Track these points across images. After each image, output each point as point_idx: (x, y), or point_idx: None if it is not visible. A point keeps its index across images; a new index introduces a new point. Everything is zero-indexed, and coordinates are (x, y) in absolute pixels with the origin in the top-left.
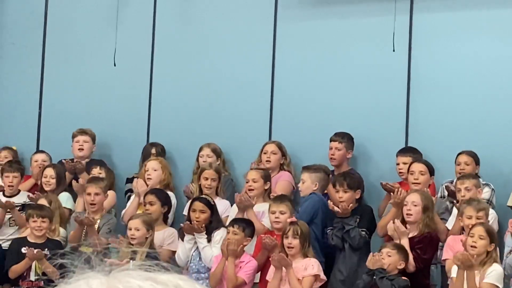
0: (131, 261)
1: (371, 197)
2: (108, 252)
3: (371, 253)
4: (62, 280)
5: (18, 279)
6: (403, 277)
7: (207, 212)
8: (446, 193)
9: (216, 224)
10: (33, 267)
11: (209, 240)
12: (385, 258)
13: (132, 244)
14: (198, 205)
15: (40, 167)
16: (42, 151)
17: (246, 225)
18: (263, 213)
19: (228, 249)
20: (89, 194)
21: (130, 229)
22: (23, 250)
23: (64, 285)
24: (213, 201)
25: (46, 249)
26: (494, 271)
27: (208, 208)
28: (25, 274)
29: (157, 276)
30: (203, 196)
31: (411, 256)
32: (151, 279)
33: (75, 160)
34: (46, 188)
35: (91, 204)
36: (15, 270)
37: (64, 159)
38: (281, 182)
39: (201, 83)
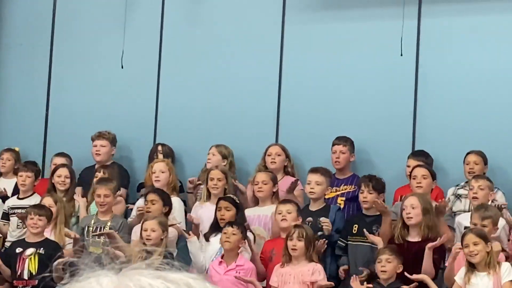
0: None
1: None
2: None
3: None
4: (72, 278)
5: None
6: (404, 286)
7: (232, 210)
8: (452, 196)
9: (241, 223)
10: (26, 265)
11: None
12: (386, 265)
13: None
14: (223, 203)
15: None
16: (63, 154)
17: (243, 227)
18: (270, 218)
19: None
20: (98, 195)
21: (146, 230)
22: (17, 250)
23: (75, 283)
24: (239, 200)
25: (42, 249)
26: (508, 269)
27: (233, 206)
28: (18, 273)
29: (167, 275)
30: (229, 195)
31: (430, 267)
32: (162, 278)
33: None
34: (61, 188)
35: (100, 205)
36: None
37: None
38: (297, 192)
39: (208, 85)
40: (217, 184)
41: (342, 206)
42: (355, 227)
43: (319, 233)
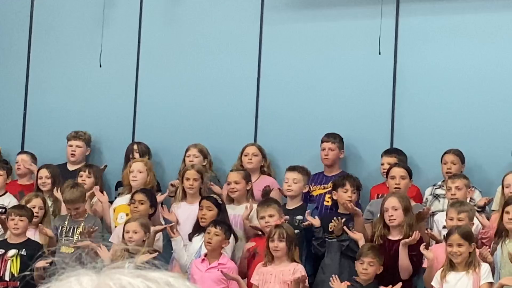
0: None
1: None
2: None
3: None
4: (53, 278)
5: None
6: (382, 287)
7: (214, 209)
8: (430, 196)
9: (225, 223)
10: (8, 267)
11: None
12: (368, 269)
13: (128, 247)
14: (205, 202)
15: (19, 168)
16: (25, 151)
17: (227, 227)
18: (239, 216)
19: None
20: (69, 209)
21: (128, 232)
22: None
23: (55, 282)
24: (221, 200)
25: (24, 250)
26: (487, 271)
27: (215, 206)
28: (0, 275)
29: (147, 274)
30: (212, 195)
31: (406, 262)
32: (141, 276)
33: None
34: (43, 189)
35: (74, 216)
36: None
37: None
38: (274, 192)
39: (186, 84)
40: (193, 184)
41: (330, 204)
42: (331, 225)
43: (296, 231)
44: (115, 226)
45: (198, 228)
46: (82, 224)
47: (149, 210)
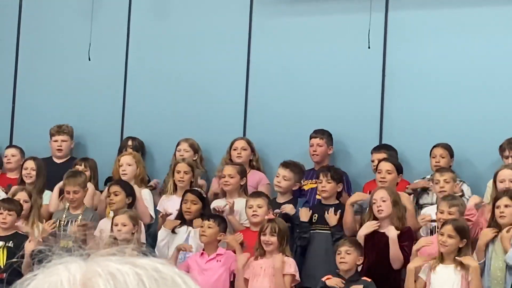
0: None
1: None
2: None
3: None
4: (40, 265)
5: None
6: (365, 278)
7: (198, 203)
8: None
9: (219, 216)
10: None
11: None
12: (345, 257)
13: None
14: (190, 196)
15: (8, 162)
16: (14, 146)
17: (221, 220)
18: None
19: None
20: (68, 192)
21: (117, 225)
22: None
23: (43, 269)
24: (206, 194)
25: (11, 242)
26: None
27: (199, 199)
28: None
29: (136, 260)
30: (195, 188)
31: (397, 253)
32: (130, 263)
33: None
34: (27, 181)
35: (70, 201)
36: None
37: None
38: (263, 186)
39: (175, 78)
40: (184, 177)
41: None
42: (315, 216)
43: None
44: None
45: (181, 221)
46: (80, 217)
47: (126, 200)
